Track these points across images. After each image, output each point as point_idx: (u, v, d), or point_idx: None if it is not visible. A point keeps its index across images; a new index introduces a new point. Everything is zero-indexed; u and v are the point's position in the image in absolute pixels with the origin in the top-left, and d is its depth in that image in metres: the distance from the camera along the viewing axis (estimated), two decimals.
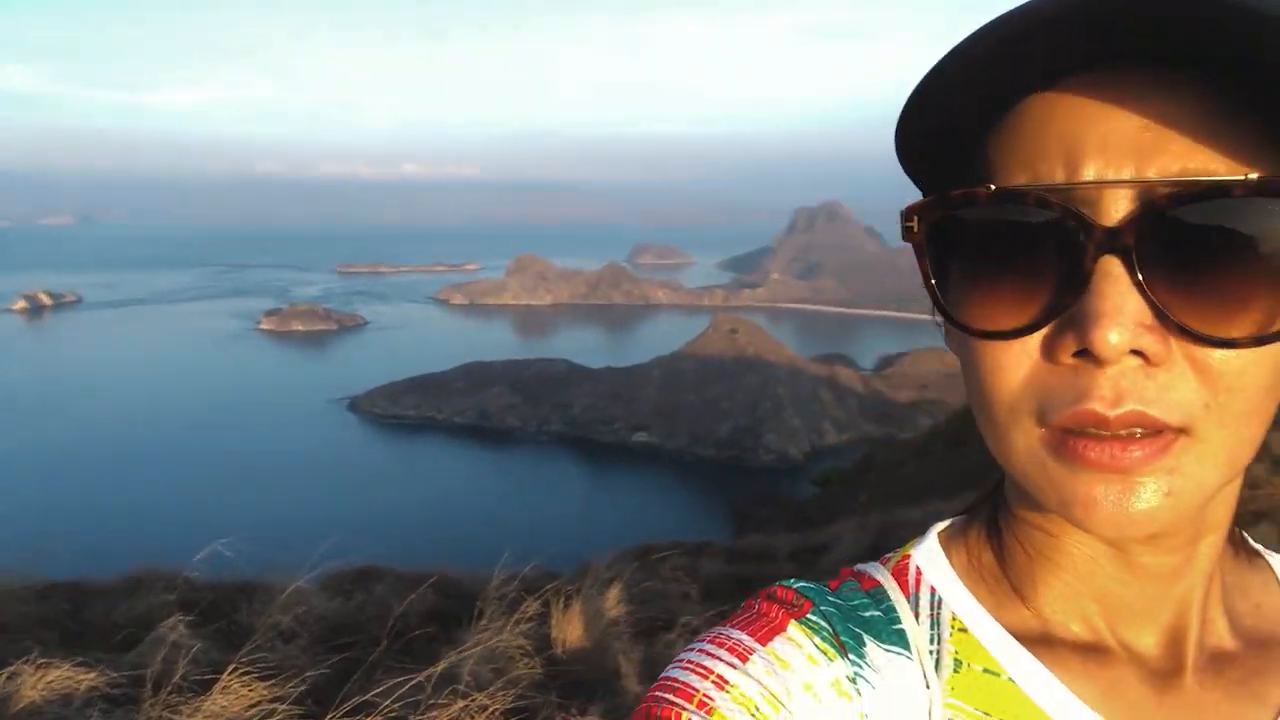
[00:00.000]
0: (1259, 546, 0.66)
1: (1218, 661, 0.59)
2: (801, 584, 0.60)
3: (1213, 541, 0.57)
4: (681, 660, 0.55)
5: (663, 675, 0.55)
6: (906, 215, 0.53)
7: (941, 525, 0.66)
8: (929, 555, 0.63)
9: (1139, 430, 0.46)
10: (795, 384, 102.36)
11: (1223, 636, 0.60)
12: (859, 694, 0.54)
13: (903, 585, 0.62)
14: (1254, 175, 0.45)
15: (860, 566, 0.65)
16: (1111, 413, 0.46)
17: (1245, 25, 0.41)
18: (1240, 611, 0.61)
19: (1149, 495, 0.47)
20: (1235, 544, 0.64)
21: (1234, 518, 0.59)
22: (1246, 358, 0.47)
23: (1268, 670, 0.59)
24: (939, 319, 0.55)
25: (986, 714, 0.55)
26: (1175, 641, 0.57)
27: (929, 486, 18.33)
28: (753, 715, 0.51)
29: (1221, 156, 0.46)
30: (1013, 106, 0.50)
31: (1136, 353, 0.46)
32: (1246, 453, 0.50)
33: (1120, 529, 0.48)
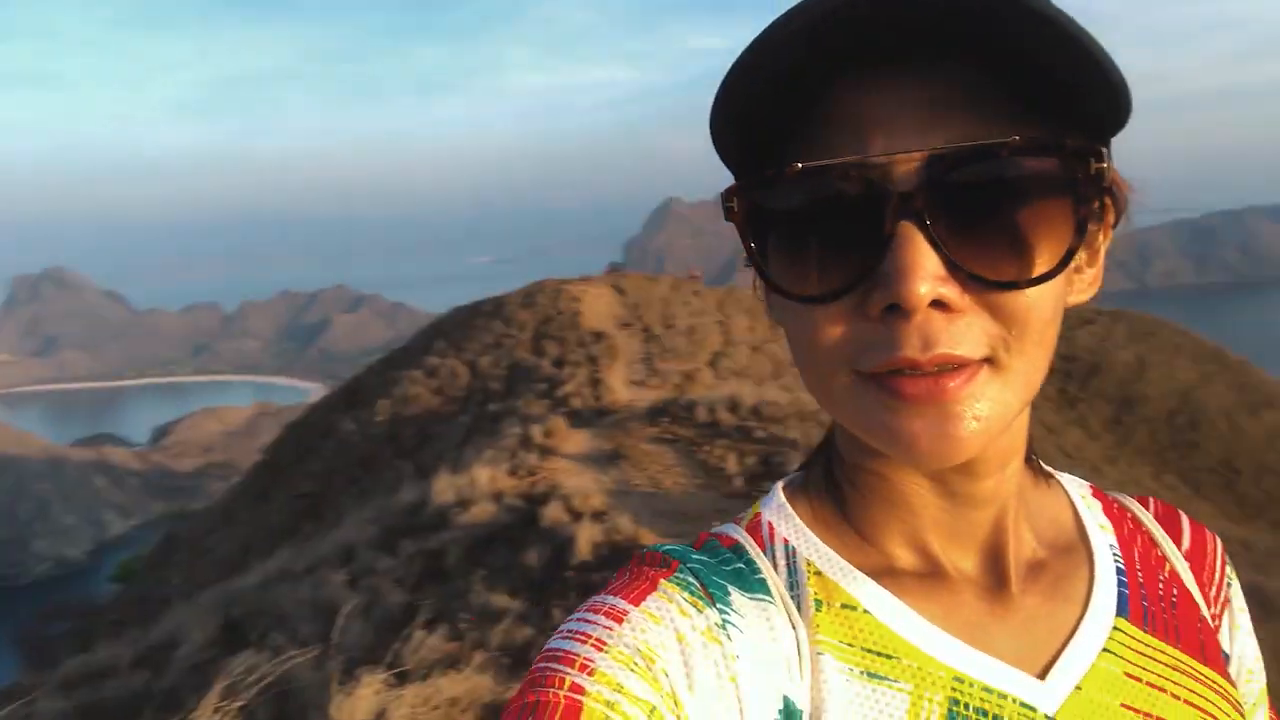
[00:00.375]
0: (1048, 468, 0.77)
1: (1033, 571, 0.67)
2: (667, 547, 0.65)
3: (1016, 466, 0.65)
4: (562, 631, 0.59)
5: (546, 647, 0.58)
6: (726, 196, 0.58)
7: (783, 482, 0.73)
8: (778, 510, 0.69)
9: (949, 366, 0.53)
10: (58, 477, 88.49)
11: (1034, 549, 0.69)
12: (729, 638, 0.58)
13: (758, 540, 0.67)
14: (1016, 138, 0.52)
15: (716, 529, 0.70)
16: (923, 356, 0.52)
17: (992, 18, 0.49)
18: (1042, 526, 0.71)
19: (963, 423, 0.53)
20: (1031, 467, 0.73)
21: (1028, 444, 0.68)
22: (1031, 295, 0.54)
23: (1072, 573, 0.69)
24: (759, 292, 0.63)
25: (850, 644, 0.61)
26: (997, 559, 0.66)
27: (247, 546, 17.81)
28: (632, 670, 0.54)
29: (990, 125, 0.53)
30: (810, 93, 0.55)
31: (937, 303, 0.52)
32: (1038, 380, 0.57)
33: (941, 458, 0.54)
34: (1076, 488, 0.77)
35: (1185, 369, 30.88)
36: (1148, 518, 0.78)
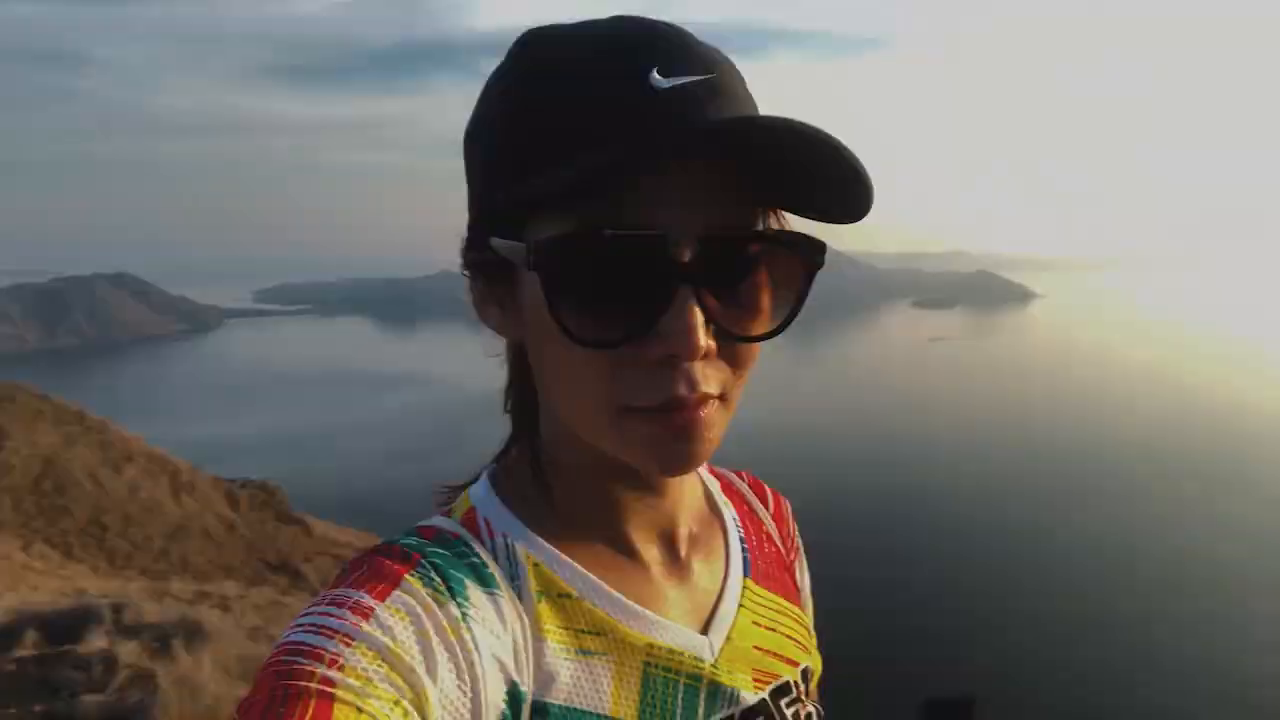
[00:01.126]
0: None
1: (694, 545, 0.83)
2: (405, 540, 0.69)
3: None
4: (304, 624, 0.59)
5: (285, 640, 0.58)
6: (533, 247, 0.64)
7: (487, 475, 0.80)
8: (492, 506, 0.76)
9: (701, 401, 0.65)
10: None
11: (691, 527, 0.83)
12: (469, 630, 0.63)
13: (476, 535, 0.73)
14: (763, 227, 0.68)
15: (434, 522, 0.74)
16: (690, 395, 0.64)
17: (779, 141, 0.61)
18: (691, 504, 0.85)
19: (704, 444, 0.67)
20: None
21: None
22: (756, 346, 0.69)
23: (714, 543, 0.86)
24: (486, 330, 0.75)
25: (566, 628, 0.70)
26: (674, 541, 0.81)
27: None
28: (380, 665, 0.57)
29: (751, 213, 0.67)
30: (611, 176, 0.62)
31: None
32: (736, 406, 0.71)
33: (685, 470, 0.68)
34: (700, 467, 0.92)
35: (48, 434, 30.38)
36: (745, 488, 0.98)
